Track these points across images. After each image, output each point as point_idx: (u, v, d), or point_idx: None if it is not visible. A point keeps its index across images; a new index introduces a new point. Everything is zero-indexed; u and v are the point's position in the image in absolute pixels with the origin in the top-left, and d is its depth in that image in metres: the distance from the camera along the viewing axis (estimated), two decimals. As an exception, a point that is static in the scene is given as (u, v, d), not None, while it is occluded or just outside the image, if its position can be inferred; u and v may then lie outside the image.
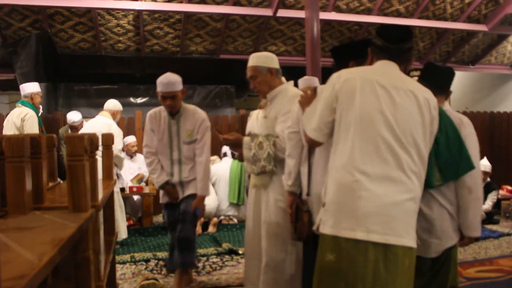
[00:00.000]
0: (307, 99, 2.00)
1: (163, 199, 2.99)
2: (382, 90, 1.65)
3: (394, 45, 1.75)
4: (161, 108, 2.88)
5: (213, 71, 7.19)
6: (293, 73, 3.18)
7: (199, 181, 2.86)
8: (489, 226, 4.95)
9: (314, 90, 2.04)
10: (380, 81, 1.66)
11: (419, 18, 6.76)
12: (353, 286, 1.55)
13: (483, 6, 6.79)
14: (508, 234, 4.67)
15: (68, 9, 5.85)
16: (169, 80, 2.76)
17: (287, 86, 2.50)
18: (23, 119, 4.03)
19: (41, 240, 1.11)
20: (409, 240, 1.58)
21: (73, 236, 1.22)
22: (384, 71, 1.72)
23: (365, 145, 1.62)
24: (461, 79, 8.44)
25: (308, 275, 2.03)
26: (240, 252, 3.93)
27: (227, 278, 3.34)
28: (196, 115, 2.90)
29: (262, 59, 2.48)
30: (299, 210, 2.14)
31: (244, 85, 7.46)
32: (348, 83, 1.69)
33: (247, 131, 3.47)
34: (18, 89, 6.01)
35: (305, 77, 3.55)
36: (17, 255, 0.94)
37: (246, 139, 2.41)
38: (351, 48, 2.27)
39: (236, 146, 2.48)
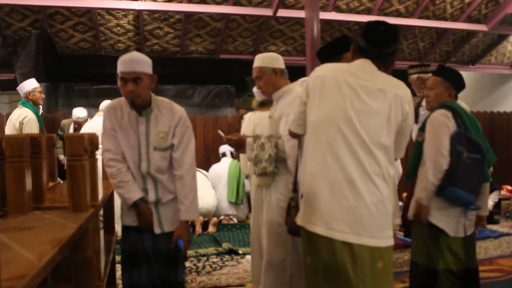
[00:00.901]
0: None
1: (127, 219, 2.16)
2: (349, 89, 1.67)
3: (375, 48, 1.74)
4: (122, 99, 2.09)
5: (213, 71, 7.20)
6: (293, 73, 3.17)
7: (181, 201, 2.11)
8: (489, 226, 4.95)
9: None
10: (348, 81, 1.68)
11: (419, 18, 6.76)
12: (324, 274, 1.65)
13: (483, 6, 6.79)
14: (508, 234, 4.67)
15: (68, 9, 5.85)
16: (132, 57, 2.02)
17: (293, 86, 2.51)
18: (21, 122, 3.99)
19: (41, 240, 1.12)
20: (374, 240, 1.60)
21: (73, 236, 1.22)
22: (358, 70, 1.72)
23: (326, 146, 1.65)
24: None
25: None
26: (240, 252, 3.93)
27: (227, 278, 3.34)
28: (173, 112, 2.12)
29: (267, 59, 2.50)
30: (289, 206, 2.22)
31: (244, 85, 7.51)
32: (318, 80, 1.73)
33: (241, 133, 3.49)
34: (18, 89, 6.04)
35: (302, 78, 3.56)
36: (17, 255, 0.94)
37: (248, 140, 2.42)
38: (332, 48, 2.30)
39: (239, 147, 2.49)
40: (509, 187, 5.63)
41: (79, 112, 5.11)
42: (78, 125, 5.09)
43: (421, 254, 2.36)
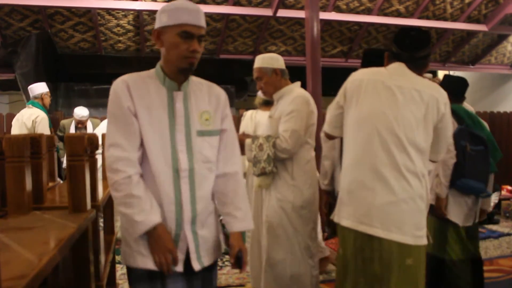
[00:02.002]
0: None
1: (137, 258, 1.47)
2: (386, 90, 1.76)
3: (407, 53, 1.84)
4: (143, 73, 1.55)
5: (213, 71, 7.19)
6: (293, 73, 3.17)
7: (236, 207, 1.57)
8: (489, 226, 4.95)
9: None
10: (386, 82, 1.77)
11: (419, 18, 6.76)
12: (360, 266, 1.73)
13: (483, 6, 6.79)
14: (508, 234, 4.67)
15: (68, 9, 5.85)
16: (198, 8, 1.47)
17: (293, 86, 2.52)
18: (34, 121, 4.12)
19: (41, 240, 1.12)
20: (403, 236, 1.67)
21: (73, 236, 1.22)
22: (394, 72, 1.82)
23: (362, 145, 1.75)
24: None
25: None
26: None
27: (227, 278, 3.34)
28: (216, 89, 1.63)
29: (267, 60, 2.51)
30: (331, 204, 2.34)
31: (244, 85, 7.50)
32: (356, 83, 1.82)
33: (240, 131, 3.49)
34: (18, 89, 6.04)
35: None
36: (17, 255, 0.94)
37: (247, 141, 2.43)
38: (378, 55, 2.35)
39: (240, 148, 2.50)
40: (509, 187, 5.63)
41: (82, 111, 5.13)
42: (82, 124, 5.11)
43: (429, 244, 2.44)
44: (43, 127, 4.14)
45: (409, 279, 1.69)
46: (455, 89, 2.61)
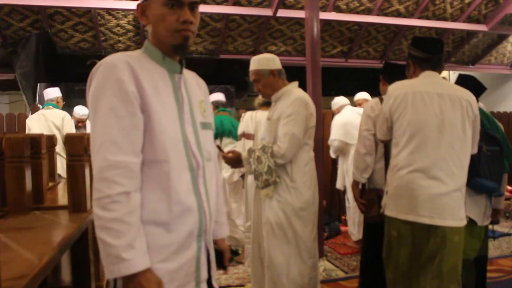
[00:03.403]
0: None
1: None
2: (430, 99, 2.06)
3: (435, 55, 2.15)
4: (135, 52, 1.26)
5: (213, 71, 7.19)
6: (293, 73, 3.18)
7: (222, 211, 1.48)
8: (489, 226, 4.95)
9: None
10: (428, 91, 2.07)
11: (419, 18, 6.76)
12: (411, 254, 2.07)
13: (483, 6, 6.79)
14: (508, 234, 4.67)
15: (68, 9, 5.85)
16: None
17: (291, 87, 2.48)
18: (63, 119, 4.41)
19: (41, 240, 1.11)
20: (454, 221, 2.04)
21: (73, 236, 1.22)
22: (429, 81, 2.12)
23: (417, 147, 2.05)
24: (461, 79, 8.44)
25: (371, 253, 2.62)
26: (240, 252, 3.93)
27: (227, 278, 3.34)
28: (196, 76, 1.46)
29: (263, 61, 2.47)
30: (373, 200, 2.55)
31: (244, 85, 7.50)
32: (401, 98, 2.10)
33: (239, 131, 3.48)
34: (18, 89, 6.04)
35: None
36: (17, 255, 0.94)
37: (244, 156, 2.40)
38: (399, 69, 2.68)
39: (236, 163, 2.47)
40: (509, 187, 5.63)
41: (82, 110, 5.21)
42: (82, 122, 5.18)
43: None
44: (71, 127, 4.48)
45: (457, 252, 2.08)
46: (474, 89, 2.68)
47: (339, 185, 4.42)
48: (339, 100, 4.52)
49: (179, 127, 1.21)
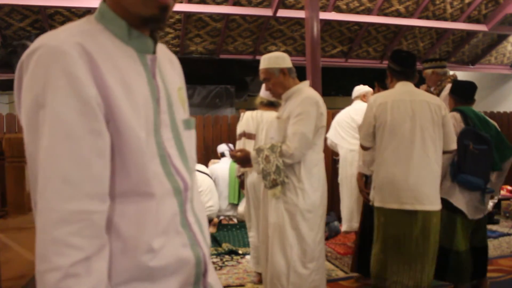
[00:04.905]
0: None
1: None
2: (404, 105, 2.47)
3: (409, 68, 2.58)
4: (83, 25, 0.83)
5: (213, 71, 7.18)
6: (293, 73, 3.18)
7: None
8: (489, 226, 4.95)
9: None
10: (402, 99, 2.49)
11: (419, 18, 6.76)
12: (396, 236, 2.46)
13: (483, 6, 6.79)
14: (508, 234, 4.67)
15: (68, 9, 5.85)
16: None
17: (302, 86, 2.46)
18: None
19: None
20: (432, 206, 2.44)
21: (73, 236, 1.22)
22: (403, 90, 2.55)
23: (396, 146, 2.44)
24: (461, 79, 8.44)
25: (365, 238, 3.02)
26: (240, 252, 3.93)
27: (227, 278, 3.34)
28: (171, 54, 1.07)
29: (273, 60, 2.45)
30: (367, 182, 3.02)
31: (244, 85, 7.50)
32: (383, 106, 2.50)
33: (239, 130, 3.46)
34: (18, 89, 6.04)
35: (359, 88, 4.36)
36: (17, 255, 0.94)
37: (253, 155, 2.38)
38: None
39: (246, 163, 2.45)
40: (509, 187, 5.63)
41: None
42: None
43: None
44: None
45: (435, 232, 2.46)
46: (464, 92, 3.07)
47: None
48: (356, 90, 4.42)
49: (153, 137, 0.85)
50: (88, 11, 5.97)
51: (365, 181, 3.03)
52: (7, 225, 1.28)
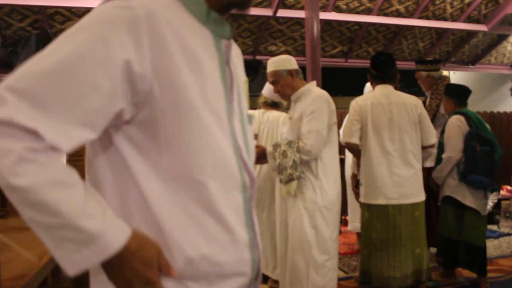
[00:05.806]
0: None
1: None
2: (382, 106, 2.69)
3: (384, 73, 2.77)
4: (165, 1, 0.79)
5: (213, 71, 7.17)
6: (293, 73, 3.17)
7: None
8: (489, 226, 4.95)
9: None
10: (381, 101, 2.71)
11: (419, 18, 6.76)
12: (381, 230, 2.65)
13: (483, 6, 6.79)
14: (508, 234, 4.67)
15: (68, 9, 5.85)
16: None
17: (310, 86, 2.52)
18: None
19: (41, 240, 1.11)
20: (414, 199, 2.66)
21: (73, 236, 1.21)
22: (382, 93, 2.75)
23: (379, 145, 2.66)
24: (461, 79, 8.44)
25: None
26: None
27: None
28: (237, 46, 1.00)
29: (280, 62, 2.51)
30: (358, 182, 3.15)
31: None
32: (363, 107, 2.71)
33: None
34: (18, 89, 6.05)
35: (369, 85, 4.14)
36: (17, 255, 0.94)
37: (269, 150, 2.42)
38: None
39: (261, 159, 2.47)
40: (509, 187, 5.62)
41: None
42: None
43: (446, 228, 3.12)
44: None
45: (419, 225, 2.69)
46: (463, 94, 3.25)
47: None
48: (367, 87, 4.38)
49: (228, 125, 0.80)
50: (88, 11, 5.98)
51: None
52: (7, 225, 1.28)
